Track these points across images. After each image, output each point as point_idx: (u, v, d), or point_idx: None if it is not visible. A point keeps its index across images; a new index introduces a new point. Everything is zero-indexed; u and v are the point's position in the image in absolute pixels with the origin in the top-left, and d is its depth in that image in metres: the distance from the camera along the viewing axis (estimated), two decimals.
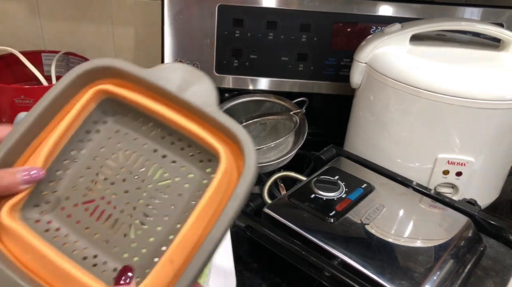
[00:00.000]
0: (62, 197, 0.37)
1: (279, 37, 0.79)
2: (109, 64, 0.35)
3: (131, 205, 0.36)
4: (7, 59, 0.82)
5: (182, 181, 0.36)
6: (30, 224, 0.35)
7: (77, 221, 0.36)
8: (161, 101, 0.36)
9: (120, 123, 0.38)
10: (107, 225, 0.36)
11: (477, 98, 0.56)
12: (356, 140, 0.72)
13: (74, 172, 0.37)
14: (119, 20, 0.92)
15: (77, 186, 0.37)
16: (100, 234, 0.36)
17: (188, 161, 0.37)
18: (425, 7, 0.78)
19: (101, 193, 0.37)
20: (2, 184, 0.33)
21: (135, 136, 0.37)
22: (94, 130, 0.38)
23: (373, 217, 0.52)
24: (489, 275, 0.49)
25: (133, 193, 0.36)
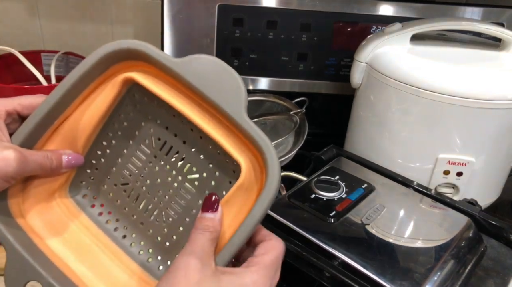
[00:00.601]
0: (104, 175, 0.39)
1: (279, 37, 0.79)
2: (137, 48, 0.34)
3: (163, 194, 0.38)
4: (6, 59, 0.82)
5: (209, 177, 0.37)
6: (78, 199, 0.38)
7: (117, 200, 0.39)
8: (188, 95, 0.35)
9: (151, 110, 0.38)
10: (142, 208, 0.38)
11: (478, 98, 0.56)
12: (356, 140, 0.71)
13: (112, 153, 0.39)
14: (119, 20, 0.92)
15: (115, 167, 0.39)
16: (137, 216, 0.38)
17: (215, 158, 0.37)
18: (425, 7, 0.78)
19: (136, 177, 0.39)
20: (51, 166, 0.35)
21: (166, 125, 0.38)
22: (127, 114, 0.38)
23: (373, 217, 0.52)
24: (490, 276, 0.49)
25: (164, 182, 0.38)
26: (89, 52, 0.35)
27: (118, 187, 0.39)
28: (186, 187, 0.38)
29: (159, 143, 0.38)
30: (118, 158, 0.39)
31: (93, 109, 0.37)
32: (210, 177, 0.37)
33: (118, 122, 0.39)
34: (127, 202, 0.39)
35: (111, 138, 0.39)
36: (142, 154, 0.39)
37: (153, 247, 0.38)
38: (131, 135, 0.39)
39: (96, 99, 0.37)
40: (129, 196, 0.39)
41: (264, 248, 0.33)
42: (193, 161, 0.38)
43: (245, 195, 0.34)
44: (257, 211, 0.31)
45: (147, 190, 0.39)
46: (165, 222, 0.38)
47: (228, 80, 0.32)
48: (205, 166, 0.37)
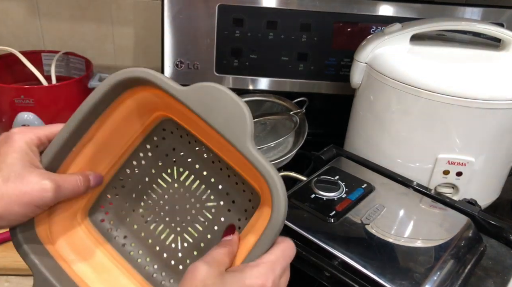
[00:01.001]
0: (124, 201, 0.40)
1: (279, 37, 0.79)
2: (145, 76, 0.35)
3: (181, 220, 0.40)
4: (7, 59, 0.82)
5: (225, 205, 0.39)
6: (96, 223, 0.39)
7: (134, 225, 0.40)
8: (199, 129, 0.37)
9: (177, 142, 0.40)
10: (159, 233, 0.40)
11: (478, 98, 0.56)
12: (356, 140, 0.71)
13: (134, 181, 0.41)
14: (119, 20, 0.92)
15: (135, 194, 0.41)
16: (152, 240, 0.40)
17: (233, 188, 0.39)
18: (425, 7, 0.78)
19: (156, 203, 0.40)
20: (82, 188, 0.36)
21: (189, 157, 0.40)
22: (153, 146, 0.41)
23: (373, 217, 0.52)
24: (489, 275, 0.49)
25: (183, 209, 0.40)
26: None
27: (136, 212, 0.41)
28: (203, 213, 0.40)
29: (180, 173, 0.40)
30: (139, 185, 0.41)
31: (121, 137, 0.39)
32: (226, 205, 0.39)
33: (144, 152, 0.41)
34: (144, 227, 0.40)
35: (134, 167, 0.41)
36: (163, 182, 0.41)
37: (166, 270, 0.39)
38: (154, 165, 0.41)
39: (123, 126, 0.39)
40: (147, 221, 0.40)
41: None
42: (212, 189, 0.40)
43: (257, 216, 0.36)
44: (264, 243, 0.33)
45: (165, 215, 0.40)
46: (181, 246, 0.39)
47: (233, 108, 0.32)
48: (222, 194, 0.39)
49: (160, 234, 0.40)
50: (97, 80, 0.82)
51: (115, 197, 0.41)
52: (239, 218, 0.39)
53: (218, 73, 0.81)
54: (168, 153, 0.41)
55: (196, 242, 0.39)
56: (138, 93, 0.37)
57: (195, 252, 0.39)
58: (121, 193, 0.41)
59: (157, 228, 0.40)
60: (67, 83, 0.77)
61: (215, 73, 0.81)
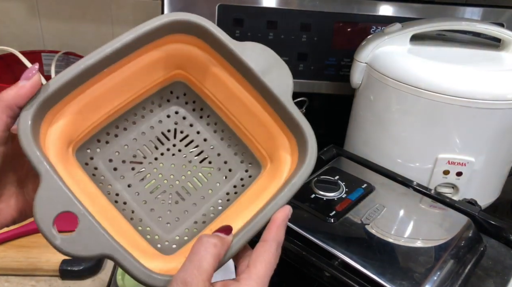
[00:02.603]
0: (112, 150, 0.39)
1: (279, 37, 0.79)
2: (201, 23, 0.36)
3: (175, 178, 0.40)
4: (7, 59, 0.82)
5: (222, 172, 0.41)
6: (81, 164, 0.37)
7: (122, 176, 0.39)
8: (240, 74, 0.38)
9: (181, 107, 0.41)
10: (148, 188, 0.39)
11: (478, 98, 0.56)
12: (356, 140, 0.71)
13: (129, 133, 0.40)
14: (119, 20, 0.92)
15: (129, 146, 0.39)
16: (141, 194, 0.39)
17: (231, 157, 0.41)
18: (425, 7, 0.78)
19: (150, 158, 0.40)
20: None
21: (192, 122, 0.41)
22: (157, 104, 0.40)
23: (373, 217, 0.52)
24: (489, 275, 0.49)
25: (178, 168, 0.40)
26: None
27: (126, 163, 0.39)
28: (199, 176, 0.40)
29: (180, 135, 0.41)
30: (134, 138, 0.40)
31: (134, 84, 0.38)
32: (223, 172, 0.41)
33: (147, 107, 0.40)
34: (133, 178, 0.39)
35: (134, 119, 0.40)
36: (160, 140, 0.40)
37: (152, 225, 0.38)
38: (155, 122, 0.40)
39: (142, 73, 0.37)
40: (137, 173, 0.39)
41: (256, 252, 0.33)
42: (210, 155, 0.41)
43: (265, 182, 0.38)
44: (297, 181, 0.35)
45: (158, 171, 0.39)
46: (171, 204, 0.38)
47: (280, 69, 0.37)
48: (220, 162, 0.41)
49: (150, 189, 0.39)
50: None
51: (105, 143, 0.38)
52: (235, 185, 0.41)
53: None
54: (170, 114, 0.41)
55: (189, 202, 0.39)
56: (174, 42, 0.37)
57: (186, 212, 0.39)
58: (113, 142, 0.39)
59: (147, 182, 0.39)
60: None
61: None
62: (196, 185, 0.40)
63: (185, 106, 0.41)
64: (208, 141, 0.41)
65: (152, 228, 0.37)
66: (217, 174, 0.40)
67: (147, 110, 0.40)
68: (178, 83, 0.41)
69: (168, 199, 0.39)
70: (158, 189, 0.39)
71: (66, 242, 0.28)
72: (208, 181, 0.40)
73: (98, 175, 0.38)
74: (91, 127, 0.37)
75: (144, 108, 0.40)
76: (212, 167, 0.41)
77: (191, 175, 0.40)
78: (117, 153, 0.39)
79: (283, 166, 0.38)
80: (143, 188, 0.39)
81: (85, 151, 0.38)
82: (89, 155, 0.38)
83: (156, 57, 0.38)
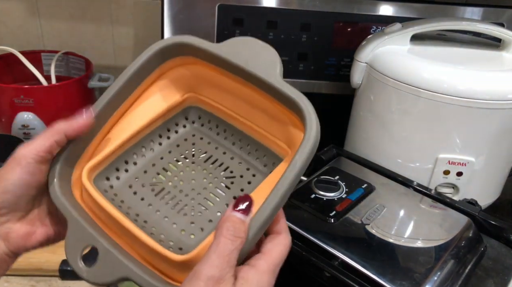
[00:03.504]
0: (133, 176, 0.40)
1: (279, 37, 0.79)
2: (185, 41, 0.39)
3: (196, 191, 0.39)
4: (7, 59, 0.82)
5: (245, 178, 0.40)
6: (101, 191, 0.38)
7: (142, 198, 0.39)
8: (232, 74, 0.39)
9: (197, 130, 0.42)
10: (170, 204, 0.39)
11: (478, 98, 0.56)
12: (356, 140, 0.71)
13: (148, 159, 0.41)
14: (119, 20, 0.92)
15: (148, 171, 0.40)
16: (162, 211, 0.39)
17: (253, 163, 0.41)
18: (425, 7, 0.78)
19: (170, 178, 0.40)
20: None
21: (209, 141, 0.42)
22: (173, 130, 0.42)
23: (373, 217, 0.52)
24: (489, 276, 0.49)
25: (199, 181, 0.40)
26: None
27: (146, 186, 0.40)
28: (221, 186, 0.40)
29: (199, 153, 0.41)
30: (153, 163, 0.41)
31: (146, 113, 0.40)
32: (246, 177, 0.40)
33: (163, 134, 0.42)
34: (153, 199, 0.39)
35: (151, 146, 0.41)
36: (180, 162, 0.41)
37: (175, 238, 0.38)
38: (172, 146, 0.42)
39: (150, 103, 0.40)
40: (158, 194, 0.40)
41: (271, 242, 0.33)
42: (231, 165, 0.41)
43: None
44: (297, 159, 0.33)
45: (179, 188, 0.40)
46: (194, 216, 0.38)
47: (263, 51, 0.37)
48: (242, 169, 0.41)
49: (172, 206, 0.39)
50: (97, 80, 0.82)
51: (124, 172, 0.40)
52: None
53: None
54: (188, 137, 0.42)
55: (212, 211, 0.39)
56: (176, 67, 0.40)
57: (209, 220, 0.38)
58: (132, 169, 0.40)
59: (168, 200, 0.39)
60: (67, 83, 0.77)
61: None
62: (219, 194, 0.40)
63: (201, 128, 0.42)
64: (227, 153, 0.41)
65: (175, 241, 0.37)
66: (240, 182, 0.40)
67: (164, 137, 0.42)
68: (192, 108, 0.42)
69: (190, 211, 0.39)
70: (179, 204, 0.39)
71: (90, 273, 0.32)
72: (231, 189, 0.40)
73: (117, 200, 0.39)
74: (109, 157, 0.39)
75: (161, 136, 0.41)
76: (234, 175, 0.40)
77: (213, 186, 0.40)
78: (136, 179, 0.40)
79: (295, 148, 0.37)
80: (164, 205, 0.39)
81: (104, 179, 0.39)
82: (108, 183, 0.39)
83: (163, 85, 0.40)
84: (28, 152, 0.34)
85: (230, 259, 0.29)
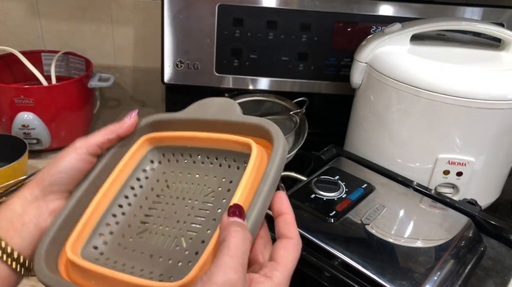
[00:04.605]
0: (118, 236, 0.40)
1: (279, 37, 0.79)
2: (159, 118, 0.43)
3: (182, 220, 0.39)
4: (7, 59, 0.82)
5: (224, 188, 0.40)
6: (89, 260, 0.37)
7: (133, 250, 0.39)
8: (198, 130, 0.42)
9: (165, 167, 0.43)
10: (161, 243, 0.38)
11: (478, 98, 0.56)
12: (356, 140, 0.71)
13: (128, 214, 0.41)
14: (119, 20, 0.92)
15: (131, 224, 0.41)
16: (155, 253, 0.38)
17: (228, 172, 0.41)
18: (425, 7, 0.78)
19: (154, 221, 0.40)
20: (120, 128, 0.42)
21: (180, 171, 0.42)
22: (143, 177, 0.43)
23: (373, 217, 0.52)
24: (489, 275, 0.49)
25: (182, 211, 0.40)
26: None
27: (134, 238, 0.40)
28: (203, 205, 0.40)
29: (173, 186, 0.41)
30: (134, 214, 0.41)
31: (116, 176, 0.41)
32: (224, 187, 0.40)
33: (135, 185, 0.42)
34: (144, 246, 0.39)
35: (127, 201, 0.42)
36: (160, 202, 0.41)
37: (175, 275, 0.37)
38: (148, 192, 0.42)
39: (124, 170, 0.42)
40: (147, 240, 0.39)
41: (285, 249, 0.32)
42: (207, 183, 0.41)
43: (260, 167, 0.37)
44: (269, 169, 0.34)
45: (165, 225, 0.40)
46: (186, 245, 0.38)
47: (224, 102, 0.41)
48: (218, 181, 0.40)
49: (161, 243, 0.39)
50: (97, 80, 0.82)
51: (109, 235, 0.40)
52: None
53: (218, 73, 0.81)
54: (159, 178, 0.43)
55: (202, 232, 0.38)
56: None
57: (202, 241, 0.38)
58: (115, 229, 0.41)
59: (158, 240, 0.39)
60: (67, 83, 0.77)
61: (215, 73, 0.81)
62: (204, 213, 0.39)
63: (168, 164, 0.43)
64: (200, 174, 0.41)
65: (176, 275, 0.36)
66: (219, 193, 0.40)
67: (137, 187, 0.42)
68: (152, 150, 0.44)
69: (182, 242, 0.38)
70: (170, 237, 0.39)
71: None
72: (214, 204, 0.39)
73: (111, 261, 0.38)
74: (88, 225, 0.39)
75: (133, 188, 0.42)
76: (212, 189, 0.40)
77: (196, 209, 0.40)
78: (123, 236, 0.40)
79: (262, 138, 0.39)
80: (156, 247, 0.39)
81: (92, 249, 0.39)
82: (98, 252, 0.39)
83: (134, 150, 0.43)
84: (84, 143, 0.39)
85: (243, 262, 0.28)
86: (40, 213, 0.38)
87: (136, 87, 1.01)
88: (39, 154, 0.79)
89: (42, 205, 0.38)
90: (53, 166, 0.38)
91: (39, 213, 0.38)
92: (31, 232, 0.37)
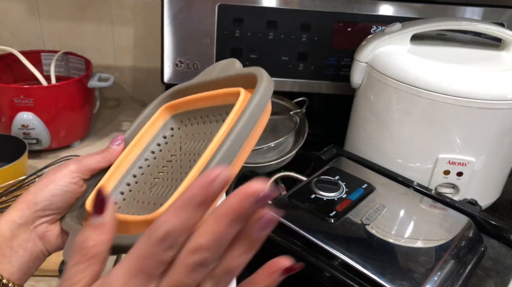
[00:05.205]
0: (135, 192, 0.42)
1: (279, 36, 0.79)
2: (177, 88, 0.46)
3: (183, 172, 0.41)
4: (6, 59, 0.82)
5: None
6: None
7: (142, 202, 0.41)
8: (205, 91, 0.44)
9: (183, 131, 0.46)
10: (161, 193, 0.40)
11: (478, 98, 0.56)
12: (356, 140, 0.71)
13: (146, 172, 0.44)
14: (119, 20, 0.92)
15: (146, 181, 0.43)
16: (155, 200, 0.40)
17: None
18: (425, 7, 0.78)
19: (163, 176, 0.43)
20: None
21: (192, 133, 0.45)
22: (163, 143, 0.46)
23: (373, 217, 0.52)
24: (490, 276, 0.49)
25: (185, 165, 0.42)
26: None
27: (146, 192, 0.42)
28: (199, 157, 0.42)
29: (185, 146, 0.44)
30: (150, 173, 0.44)
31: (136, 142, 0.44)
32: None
33: (155, 149, 0.45)
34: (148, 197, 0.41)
35: (147, 163, 0.44)
36: (170, 161, 0.43)
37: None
38: (164, 154, 0.44)
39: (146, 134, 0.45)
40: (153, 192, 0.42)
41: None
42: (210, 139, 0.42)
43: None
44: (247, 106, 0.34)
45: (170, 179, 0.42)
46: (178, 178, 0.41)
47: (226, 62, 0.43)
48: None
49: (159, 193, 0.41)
50: (97, 80, 0.82)
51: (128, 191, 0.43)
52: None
53: None
54: (175, 141, 0.45)
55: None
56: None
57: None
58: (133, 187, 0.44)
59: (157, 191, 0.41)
60: (67, 83, 0.77)
61: None
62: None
63: (185, 129, 0.46)
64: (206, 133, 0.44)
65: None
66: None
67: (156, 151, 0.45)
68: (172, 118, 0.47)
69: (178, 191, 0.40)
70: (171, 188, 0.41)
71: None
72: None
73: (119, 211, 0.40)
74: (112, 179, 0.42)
75: (153, 152, 0.45)
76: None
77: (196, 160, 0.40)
78: (138, 192, 0.42)
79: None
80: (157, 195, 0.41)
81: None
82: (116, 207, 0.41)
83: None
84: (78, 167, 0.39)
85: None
86: (30, 237, 0.36)
87: (136, 87, 1.01)
88: (38, 154, 0.79)
89: (32, 229, 0.37)
90: (46, 188, 0.37)
91: (29, 237, 0.36)
92: (21, 256, 0.36)
